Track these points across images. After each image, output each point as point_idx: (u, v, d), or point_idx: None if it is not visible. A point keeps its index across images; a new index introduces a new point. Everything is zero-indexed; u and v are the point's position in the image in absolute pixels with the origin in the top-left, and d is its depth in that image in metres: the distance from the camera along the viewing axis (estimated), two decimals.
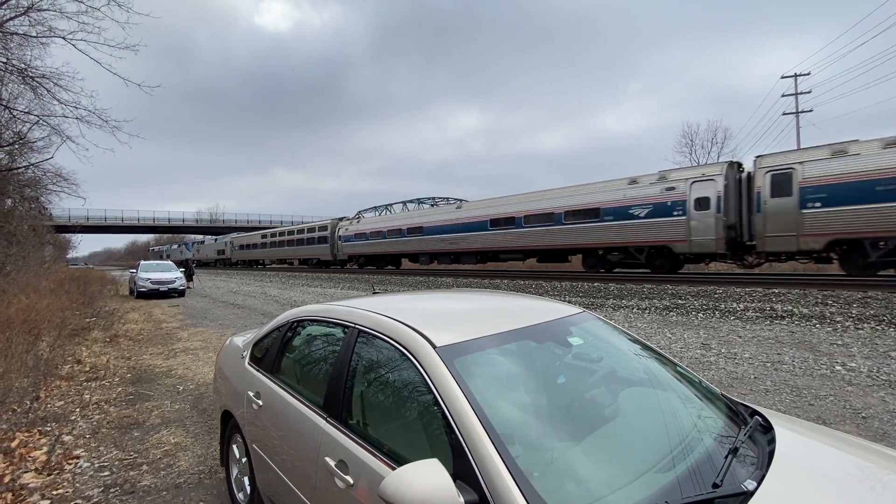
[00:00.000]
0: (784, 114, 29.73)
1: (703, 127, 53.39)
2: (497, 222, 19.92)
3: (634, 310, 9.38)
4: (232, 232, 62.26)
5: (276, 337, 2.65)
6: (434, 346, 1.62)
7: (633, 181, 15.37)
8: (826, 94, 64.38)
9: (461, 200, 23.42)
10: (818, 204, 11.67)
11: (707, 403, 1.85)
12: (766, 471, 1.40)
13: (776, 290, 9.46)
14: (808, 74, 28.99)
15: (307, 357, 2.46)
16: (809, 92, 28.88)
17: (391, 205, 28.10)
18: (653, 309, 9.25)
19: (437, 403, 1.47)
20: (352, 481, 1.61)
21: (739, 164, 14.00)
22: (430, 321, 1.85)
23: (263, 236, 41.21)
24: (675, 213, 13.94)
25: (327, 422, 1.86)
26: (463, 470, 1.30)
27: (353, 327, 2.03)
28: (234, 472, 2.79)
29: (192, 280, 23.03)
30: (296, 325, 2.58)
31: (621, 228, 15.31)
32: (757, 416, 1.82)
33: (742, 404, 1.98)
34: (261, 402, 2.40)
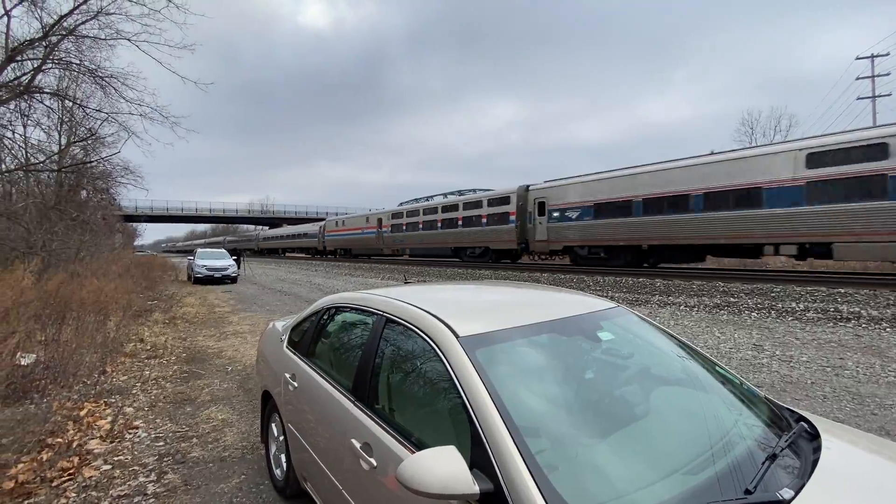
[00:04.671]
0: (859, 98, 27.19)
1: (766, 114, 49.80)
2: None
3: (682, 307, 8.96)
4: (282, 222, 65.57)
5: (311, 322, 2.75)
6: (457, 336, 1.62)
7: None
8: None
9: (487, 189, 24.05)
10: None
11: (747, 406, 1.75)
12: (807, 480, 1.30)
13: (842, 290, 8.73)
14: (888, 55, 26.20)
15: (339, 342, 2.54)
16: (888, 74, 26.20)
17: (431, 196, 28.23)
18: (702, 307, 8.80)
19: (457, 392, 1.47)
20: (375, 463, 1.65)
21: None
22: (456, 311, 1.85)
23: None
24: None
25: (355, 405, 1.92)
26: (480, 459, 1.30)
27: (382, 315, 2.07)
28: (273, 449, 2.94)
29: (240, 267, 24.35)
30: (331, 312, 2.67)
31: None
32: (803, 423, 1.70)
33: (788, 409, 1.86)
34: (296, 384, 2.50)
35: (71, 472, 3.03)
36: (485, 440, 1.31)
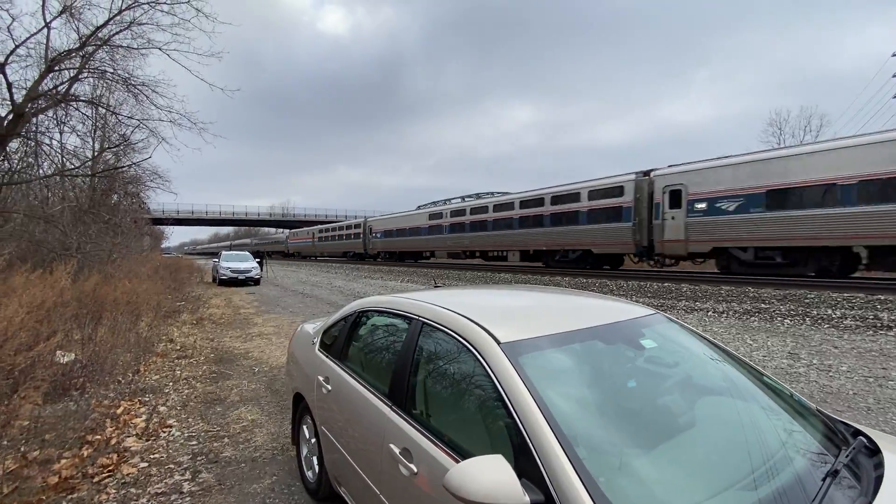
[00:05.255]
0: (895, 97, 26.15)
1: (795, 113, 48.12)
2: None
3: (710, 313, 8.74)
4: (301, 225, 67.03)
5: (343, 325, 2.76)
6: (498, 343, 1.60)
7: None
8: None
9: (507, 193, 24.48)
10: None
11: (800, 419, 1.68)
12: (873, 499, 1.24)
13: (882, 297, 8.38)
14: None
15: (373, 346, 2.55)
16: None
17: (450, 199, 28.47)
18: (731, 313, 8.56)
19: (500, 400, 1.46)
20: (415, 469, 1.64)
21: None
22: (494, 316, 1.84)
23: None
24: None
25: (392, 410, 1.92)
26: (528, 469, 1.28)
27: (418, 320, 2.06)
28: (304, 451, 2.96)
29: (262, 269, 24.82)
30: (362, 316, 2.68)
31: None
32: (861, 437, 1.62)
33: (842, 422, 1.78)
34: (330, 387, 2.52)
35: (110, 468, 3.12)
36: (532, 449, 1.29)
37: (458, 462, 1.46)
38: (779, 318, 7.85)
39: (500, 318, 1.85)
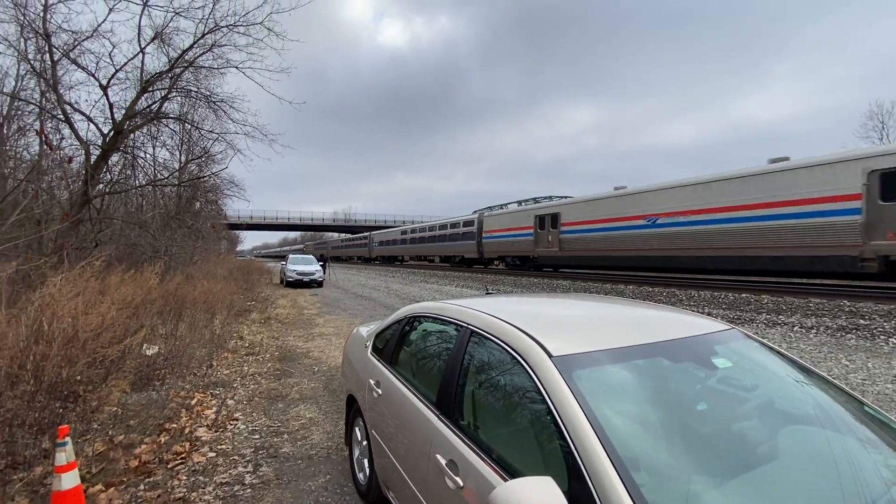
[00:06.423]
0: None
1: None
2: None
3: (795, 328, 7.88)
4: (362, 230, 69.95)
5: (394, 330, 2.78)
6: (550, 356, 1.51)
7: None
8: None
9: (565, 197, 23.50)
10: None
11: None
12: None
13: None
14: None
15: (422, 352, 2.53)
16: None
17: (507, 204, 28.34)
18: (821, 328, 7.67)
19: (551, 416, 1.37)
20: (461, 483, 1.59)
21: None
22: (547, 327, 1.74)
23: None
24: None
25: (439, 419, 1.88)
26: (579, 494, 1.18)
27: (466, 328, 2.01)
28: (356, 452, 3.01)
29: (325, 273, 26.04)
30: (412, 321, 2.67)
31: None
32: None
33: None
34: (380, 391, 2.54)
35: (183, 456, 3.35)
36: (585, 473, 1.19)
37: (505, 480, 1.39)
38: (882, 337, 6.91)
39: (553, 329, 1.76)
